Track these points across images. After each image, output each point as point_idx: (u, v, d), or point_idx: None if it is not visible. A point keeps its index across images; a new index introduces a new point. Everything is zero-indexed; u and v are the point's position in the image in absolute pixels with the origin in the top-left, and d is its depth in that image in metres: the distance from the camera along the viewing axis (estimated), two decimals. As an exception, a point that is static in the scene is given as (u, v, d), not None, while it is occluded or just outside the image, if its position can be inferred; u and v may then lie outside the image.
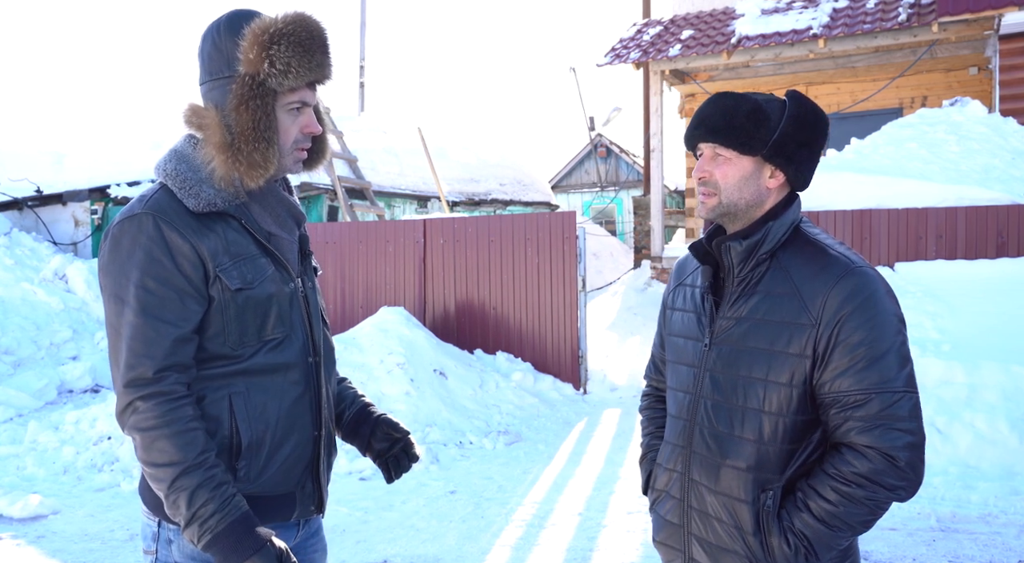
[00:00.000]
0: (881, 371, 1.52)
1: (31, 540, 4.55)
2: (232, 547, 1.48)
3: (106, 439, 6.02)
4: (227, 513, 1.49)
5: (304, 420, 1.69)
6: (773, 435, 1.59)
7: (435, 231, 8.77)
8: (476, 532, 4.56)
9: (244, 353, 1.60)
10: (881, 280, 1.60)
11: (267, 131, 1.59)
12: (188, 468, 1.48)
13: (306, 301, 1.74)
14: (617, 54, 12.40)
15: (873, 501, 1.52)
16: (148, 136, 12.33)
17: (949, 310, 6.27)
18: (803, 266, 1.61)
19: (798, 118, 1.65)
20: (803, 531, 1.55)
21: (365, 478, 5.57)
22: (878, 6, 11.07)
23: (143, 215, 1.55)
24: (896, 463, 1.50)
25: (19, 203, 11.48)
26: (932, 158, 8.01)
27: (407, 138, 14.88)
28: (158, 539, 1.63)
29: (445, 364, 7.36)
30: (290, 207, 1.72)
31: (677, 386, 1.78)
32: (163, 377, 1.51)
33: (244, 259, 1.61)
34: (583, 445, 6.35)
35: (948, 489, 4.81)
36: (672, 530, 1.76)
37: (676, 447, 1.75)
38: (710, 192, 1.68)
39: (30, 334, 8.63)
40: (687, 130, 1.72)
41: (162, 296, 1.52)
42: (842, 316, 1.54)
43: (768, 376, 1.59)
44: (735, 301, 1.67)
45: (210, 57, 1.62)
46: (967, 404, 5.31)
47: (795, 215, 1.69)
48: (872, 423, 1.51)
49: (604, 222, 23.55)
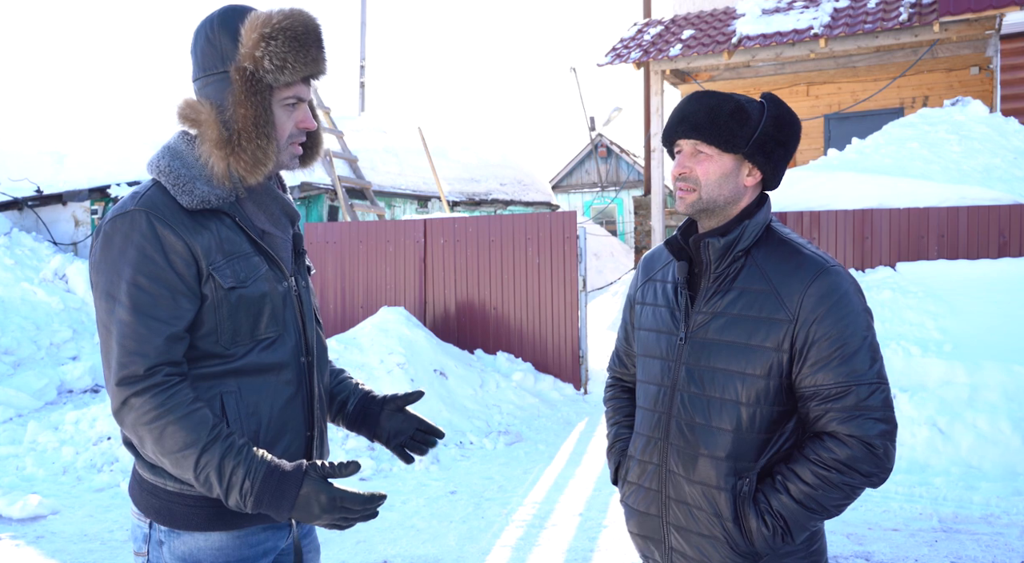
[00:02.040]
0: (855, 365, 1.60)
1: (30, 540, 4.54)
2: (276, 496, 1.47)
3: (106, 439, 6.01)
4: (256, 471, 1.48)
5: (296, 421, 1.67)
6: (750, 425, 1.66)
7: (435, 231, 8.75)
8: (476, 532, 4.55)
9: (236, 352, 1.59)
10: (850, 278, 1.68)
11: (266, 127, 1.58)
12: (206, 444, 1.47)
13: (299, 300, 1.72)
14: (618, 54, 12.39)
15: (849, 486, 1.60)
16: (148, 136, 12.33)
17: (951, 310, 6.25)
18: (779, 264, 1.68)
19: (778, 118, 1.71)
20: (780, 511, 1.62)
21: (365, 478, 5.56)
22: (879, 6, 11.06)
23: (136, 212, 1.53)
24: (874, 450, 1.59)
25: (19, 203, 11.47)
26: (933, 158, 8.00)
27: (407, 138, 14.87)
28: (149, 540, 1.61)
29: (445, 364, 7.35)
30: (284, 205, 1.70)
31: (649, 379, 1.82)
32: (154, 373, 1.49)
33: (237, 257, 1.59)
34: (584, 445, 6.34)
35: (950, 489, 4.80)
36: (649, 520, 1.80)
37: (651, 439, 1.79)
38: (690, 188, 1.72)
39: (30, 334, 8.62)
40: (668, 125, 1.76)
41: (154, 294, 1.50)
42: (819, 313, 1.61)
43: (745, 369, 1.66)
44: (711, 296, 1.72)
45: (203, 53, 1.61)
46: (969, 404, 5.30)
47: (767, 215, 1.75)
48: (850, 414, 1.60)
49: (605, 222, 23.54)
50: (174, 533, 1.59)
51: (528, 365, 8.11)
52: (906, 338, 5.93)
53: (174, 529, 1.58)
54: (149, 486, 1.60)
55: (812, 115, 12.91)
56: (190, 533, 1.58)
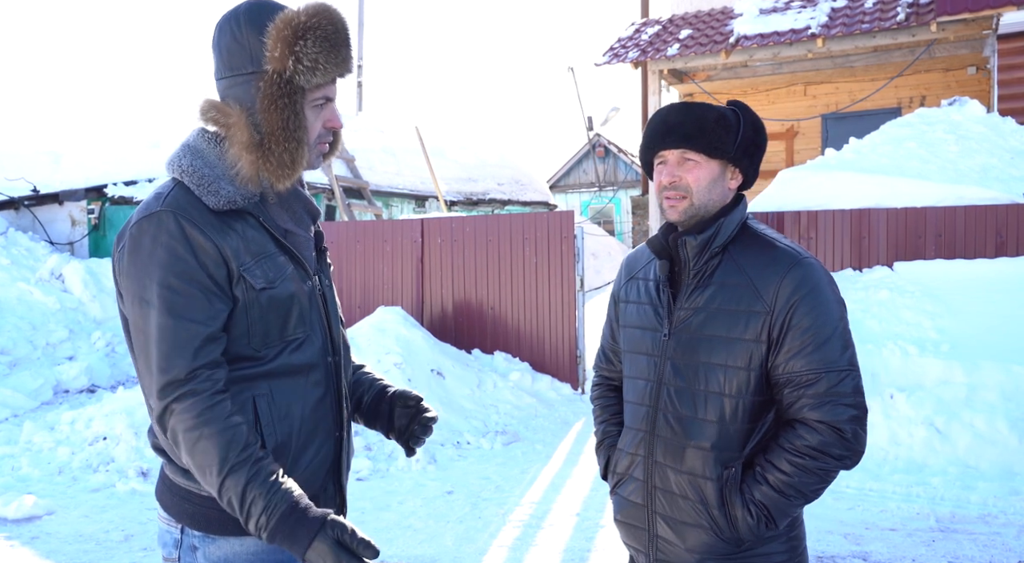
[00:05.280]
0: (827, 352, 1.67)
1: (25, 541, 4.52)
2: (289, 539, 1.43)
3: (101, 440, 5.99)
4: (276, 507, 1.43)
5: (327, 421, 1.65)
6: (734, 415, 1.72)
7: (433, 231, 8.74)
8: (473, 532, 4.54)
9: (267, 354, 1.55)
10: (824, 270, 1.75)
11: (297, 131, 1.54)
12: (234, 466, 1.43)
13: (324, 299, 1.69)
14: (615, 53, 12.39)
15: (823, 470, 1.67)
16: (145, 135, 12.29)
17: (948, 310, 6.25)
18: (754, 258, 1.75)
19: (754, 124, 1.80)
20: (762, 501, 1.68)
21: (362, 479, 5.55)
22: (876, 6, 11.06)
23: (163, 213, 1.48)
24: (843, 435, 1.65)
25: (15, 203, 11.45)
26: (931, 157, 8.00)
27: (405, 138, 14.85)
28: (181, 546, 1.58)
29: (443, 364, 7.34)
30: (306, 203, 1.68)
31: (635, 374, 1.88)
32: (195, 376, 1.45)
33: (265, 258, 1.56)
34: (581, 445, 6.33)
35: (947, 489, 4.80)
36: (635, 510, 1.85)
37: (639, 432, 1.85)
38: (680, 195, 1.77)
39: (26, 334, 8.59)
40: (650, 137, 1.81)
41: (188, 295, 1.46)
42: (793, 302, 1.68)
43: (727, 361, 1.72)
44: (692, 292, 1.79)
45: (230, 51, 1.55)
46: (966, 404, 5.30)
47: (743, 213, 1.82)
48: (821, 400, 1.66)
49: (602, 222, 23.55)
50: (209, 538, 1.56)
51: (525, 365, 8.11)
52: (903, 338, 5.93)
53: (209, 534, 1.55)
54: (181, 491, 1.57)
55: (809, 115, 12.91)
56: (225, 538, 1.55)
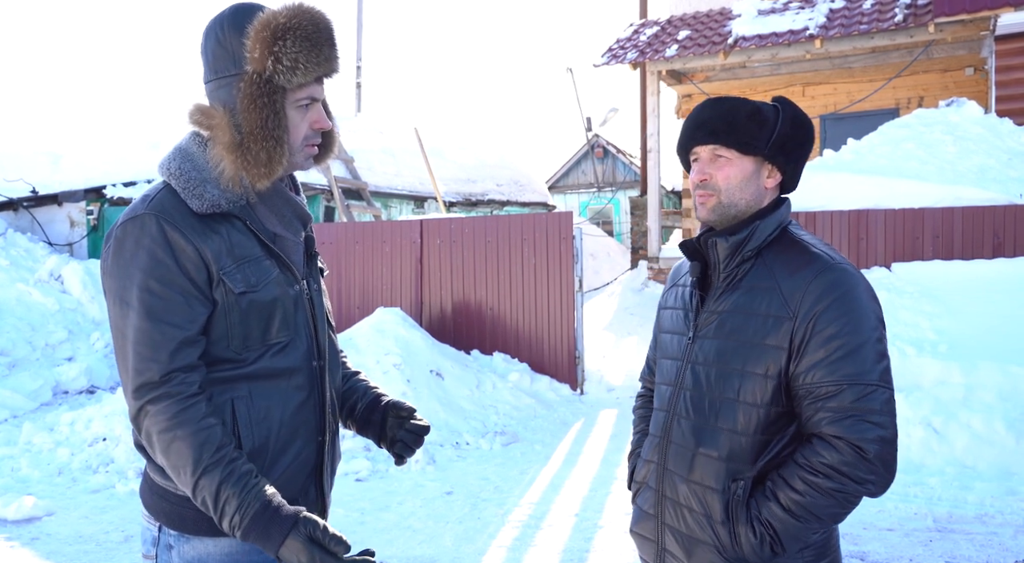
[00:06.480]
0: (855, 364, 1.53)
1: (25, 542, 4.53)
2: (263, 537, 1.45)
3: (101, 441, 5.99)
4: (249, 506, 1.45)
5: (308, 426, 1.66)
6: (747, 425, 1.61)
7: (432, 231, 8.75)
8: (472, 533, 4.55)
9: (248, 357, 1.57)
10: (862, 279, 1.62)
11: (276, 129, 1.55)
12: (207, 466, 1.46)
13: (311, 304, 1.70)
14: (614, 54, 12.40)
15: (841, 493, 1.52)
16: (144, 136, 12.30)
17: (946, 310, 6.27)
18: (786, 263, 1.65)
19: (795, 119, 1.70)
20: (770, 520, 1.55)
21: (361, 480, 5.56)
22: (875, 7, 11.08)
23: (146, 216, 1.51)
24: (865, 455, 1.50)
25: (15, 203, 11.45)
26: (929, 158, 8.02)
27: (404, 138, 14.86)
28: (158, 544, 1.60)
29: (442, 365, 7.34)
30: (296, 207, 1.68)
31: (661, 380, 1.82)
32: (170, 379, 1.47)
33: (248, 261, 1.57)
34: (580, 446, 6.34)
35: (945, 489, 4.81)
36: (647, 520, 1.78)
37: (655, 438, 1.79)
38: (709, 194, 1.70)
39: (25, 335, 8.59)
40: (683, 135, 1.74)
41: (166, 298, 1.49)
42: (818, 309, 1.56)
43: (745, 367, 1.62)
44: (720, 296, 1.71)
45: (215, 55, 1.58)
46: (964, 404, 5.31)
47: (783, 216, 1.72)
48: (843, 414, 1.52)
49: (601, 222, 23.55)
50: (183, 537, 1.57)
51: (524, 365, 8.11)
52: (901, 338, 5.94)
53: (184, 533, 1.57)
54: (159, 490, 1.59)
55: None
56: (199, 538, 1.57)
